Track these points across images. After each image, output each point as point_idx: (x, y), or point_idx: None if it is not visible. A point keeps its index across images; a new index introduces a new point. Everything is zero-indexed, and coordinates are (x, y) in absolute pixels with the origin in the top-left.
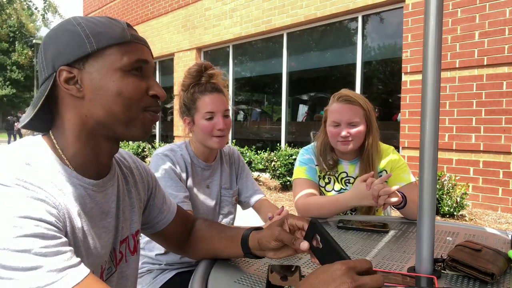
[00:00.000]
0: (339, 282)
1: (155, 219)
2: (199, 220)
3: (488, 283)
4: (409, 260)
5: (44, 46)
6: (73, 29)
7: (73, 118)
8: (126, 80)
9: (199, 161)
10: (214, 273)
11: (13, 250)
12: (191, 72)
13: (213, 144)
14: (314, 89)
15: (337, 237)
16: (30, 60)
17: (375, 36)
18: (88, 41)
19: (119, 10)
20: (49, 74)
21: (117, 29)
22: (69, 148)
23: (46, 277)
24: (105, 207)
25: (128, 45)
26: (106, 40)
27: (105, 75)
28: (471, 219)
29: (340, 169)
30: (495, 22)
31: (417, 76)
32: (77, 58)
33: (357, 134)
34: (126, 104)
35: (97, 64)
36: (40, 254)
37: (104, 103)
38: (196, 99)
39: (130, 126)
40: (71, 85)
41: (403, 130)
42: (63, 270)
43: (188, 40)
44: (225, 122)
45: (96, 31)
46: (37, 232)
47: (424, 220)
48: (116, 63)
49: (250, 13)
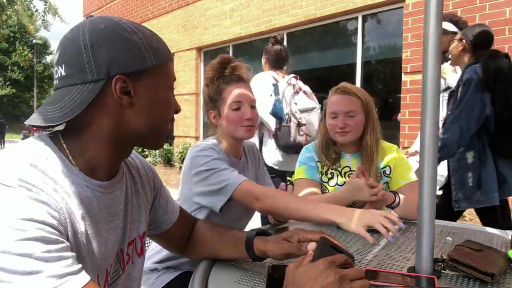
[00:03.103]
0: (324, 276)
1: (161, 219)
2: (200, 222)
3: (488, 283)
4: (409, 260)
5: (93, 45)
6: (131, 38)
7: (109, 125)
8: (172, 98)
9: (231, 157)
10: (214, 273)
11: (14, 253)
12: (214, 65)
13: (242, 134)
14: (314, 89)
15: (337, 237)
16: (30, 60)
17: (375, 36)
18: (148, 56)
19: (119, 10)
20: (100, 78)
21: (166, 47)
22: (85, 151)
23: (46, 283)
24: (112, 208)
25: (170, 64)
26: (164, 58)
27: (157, 91)
28: (471, 219)
29: (343, 163)
30: (495, 22)
31: (417, 76)
32: (137, 70)
33: (355, 124)
34: (167, 119)
35: (151, 80)
36: (41, 258)
37: (149, 116)
38: (221, 90)
39: (158, 138)
40: (124, 95)
41: (403, 130)
42: (63, 277)
43: (188, 40)
44: (253, 112)
45: (154, 47)
46: (40, 236)
47: (424, 220)
48: (166, 81)
49: (250, 13)
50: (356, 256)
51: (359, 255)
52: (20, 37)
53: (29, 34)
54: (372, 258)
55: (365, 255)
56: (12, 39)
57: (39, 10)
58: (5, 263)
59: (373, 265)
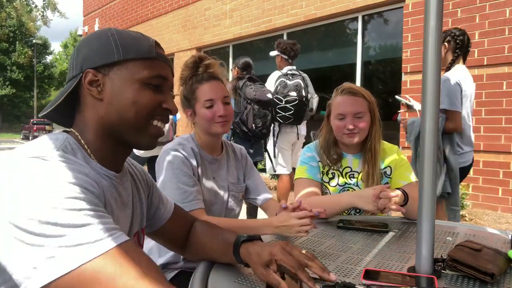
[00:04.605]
0: None
1: (155, 216)
2: (198, 223)
3: (488, 283)
4: (409, 260)
5: (78, 48)
6: (105, 37)
7: (92, 117)
8: (143, 92)
9: (205, 153)
10: (214, 273)
11: (65, 208)
12: (188, 64)
13: (216, 129)
14: (314, 89)
15: (337, 237)
16: (30, 60)
17: (375, 36)
18: (117, 51)
19: (119, 10)
20: (76, 74)
21: (145, 45)
22: (91, 143)
23: (96, 234)
24: (125, 198)
25: (151, 61)
26: (133, 53)
27: (125, 84)
28: (471, 219)
29: (344, 164)
30: (495, 22)
31: (417, 76)
32: (104, 64)
33: (363, 126)
34: (138, 113)
35: (120, 73)
36: (89, 214)
37: (119, 108)
38: (194, 89)
39: (139, 134)
40: (93, 87)
41: (403, 130)
42: (110, 230)
43: (188, 40)
44: (226, 109)
45: (125, 43)
46: (85, 197)
47: (424, 220)
48: (137, 74)
49: (250, 13)
50: (356, 256)
51: (359, 255)
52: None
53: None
54: (372, 258)
55: (365, 255)
56: (12, 39)
57: (38, 6)
58: (57, 217)
59: (373, 265)
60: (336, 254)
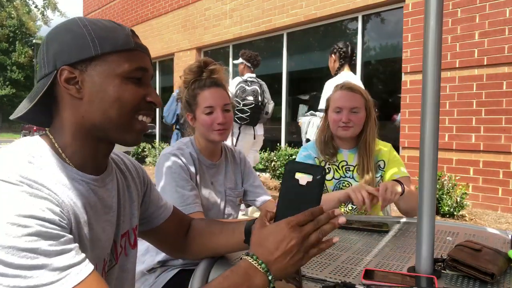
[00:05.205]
0: (288, 240)
1: (153, 214)
2: (196, 220)
3: (488, 283)
4: (409, 260)
5: (47, 42)
6: (78, 30)
7: (71, 117)
8: (125, 86)
9: (204, 159)
10: (214, 272)
11: (18, 248)
12: (192, 68)
13: (214, 137)
14: (314, 89)
15: (337, 236)
16: (30, 59)
17: (375, 36)
18: (93, 45)
19: (119, 10)
20: (50, 71)
21: (122, 35)
22: (68, 146)
23: (49, 276)
24: (107, 201)
25: (130, 53)
26: (110, 46)
27: (106, 80)
28: (471, 219)
29: (339, 158)
30: (495, 22)
31: (417, 76)
32: (80, 59)
33: (357, 120)
34: (122, 110)
35: (99, 68)
36: (44, 253)
37: (102, 106)
38: (196, 94)
39: (124, 131)
40: (71, 85)
41: (403, 130)
42: (66, 269)
43: (188, 40)
44: (225, 116)
45: (101, 36)
46: (42, 231)
47: (424, 220)
48: (118, 69)
49: (250, 13)
50: (356, 256)
51: (359, 255)
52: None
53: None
54: (372, 258)
55: (365, 255)
56: (12, 39)
57: (38, 5)
58: (10, 258)
59: (373, 265)
60: (336, 254)
